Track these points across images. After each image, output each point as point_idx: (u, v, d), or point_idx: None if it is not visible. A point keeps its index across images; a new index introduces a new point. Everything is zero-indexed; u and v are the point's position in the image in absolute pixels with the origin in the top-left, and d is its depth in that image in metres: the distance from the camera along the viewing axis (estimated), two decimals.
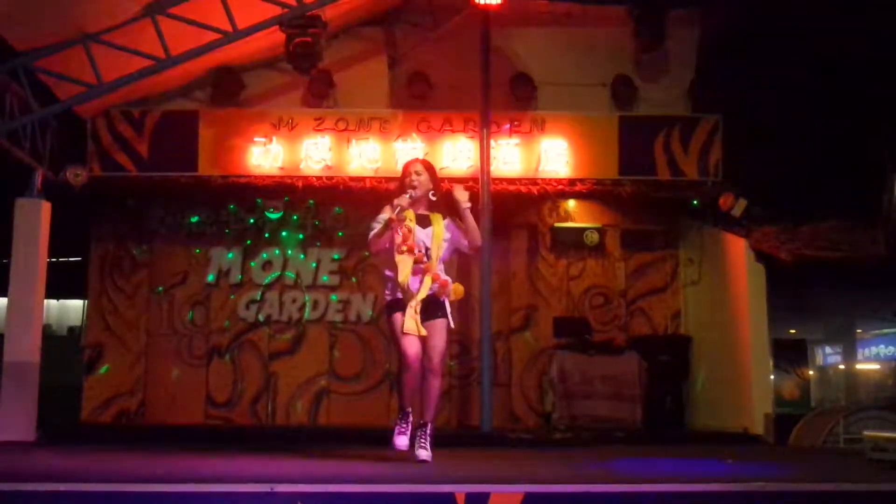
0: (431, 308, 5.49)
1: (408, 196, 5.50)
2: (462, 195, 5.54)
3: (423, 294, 5.42)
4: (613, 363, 10.38)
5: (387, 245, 5.52)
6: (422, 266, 5.45)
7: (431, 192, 5.64)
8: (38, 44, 8.46)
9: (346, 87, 10.42)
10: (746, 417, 9.59)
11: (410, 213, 5.50)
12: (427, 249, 5.48)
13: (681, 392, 10.78)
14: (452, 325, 5.60)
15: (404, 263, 5.43)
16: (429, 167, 5.76)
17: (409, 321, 5.37)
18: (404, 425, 5.55)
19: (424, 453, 5.42)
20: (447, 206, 5.65)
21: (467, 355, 10.84)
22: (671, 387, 10.64)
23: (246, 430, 10.25)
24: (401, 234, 5.43)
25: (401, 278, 5.40)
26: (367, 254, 5.82)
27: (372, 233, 5.55)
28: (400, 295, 5.47)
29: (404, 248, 5.43)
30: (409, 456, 5.44)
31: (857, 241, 9.60)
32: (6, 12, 7.83)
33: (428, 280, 5.43)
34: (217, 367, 10.86)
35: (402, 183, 5.68)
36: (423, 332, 5.40)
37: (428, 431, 5.50)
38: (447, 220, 5.65)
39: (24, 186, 9.42)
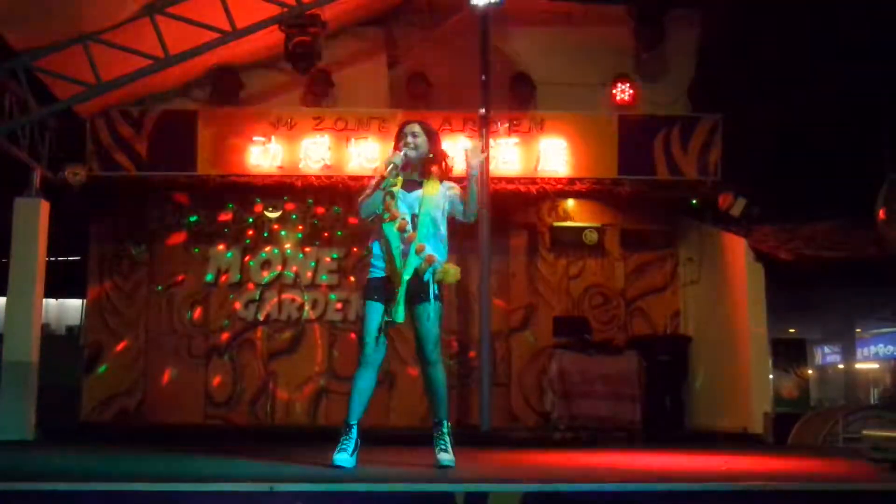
0: (417, 291, 4.78)
1: (402, 154, 4.86)
2: (476, 157, 4.85)
3: (408, 274, 4.74)
4: (613, 363, 10.37)
5: (379, 211, 4.87)
6: (405, 236, 4.79)
7: (430, 157, 4.97)
8: (37, 43, 8.46)
9: (345, 87, 10.41)
10: (746, 417, 9.59)
11: (399, 179, 4.85)
12: (414, 217, 4.83)
13: (680, 392, 10.77)
14: (442, 312, 4.85)
15: (390, 233, 4.82)
16: (429, 131, 5.03)
17: (399, 309, 4.71)
18: (346, 441, 4.82)
19: (447, 456, 4.76)
20: (442, 173, 5.01)
21: (466, 355, 10.84)
22: (670, 386, 10.63)
23: (245, 430, 10.25)
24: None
25: (387, 249, 4.80)
26: (364, 222, 5.15)
27: (362, 195, 4.88)
28: (382, 273, 4.83)
29: (386, 214, 4.82)
30: (397, 460, 5.15)
31: (856, 241, 9.60)
32: (5, 12, 7.82)
33: (413, 256, 4.76)
34: (216, 367, 10.86)
35: (396, 146, 5.03)
36: (401, 319, 4.72)
37: (445, 430, 4.84)
38: (445, 185, 4.99)
39: (23, 186, 9.44)
